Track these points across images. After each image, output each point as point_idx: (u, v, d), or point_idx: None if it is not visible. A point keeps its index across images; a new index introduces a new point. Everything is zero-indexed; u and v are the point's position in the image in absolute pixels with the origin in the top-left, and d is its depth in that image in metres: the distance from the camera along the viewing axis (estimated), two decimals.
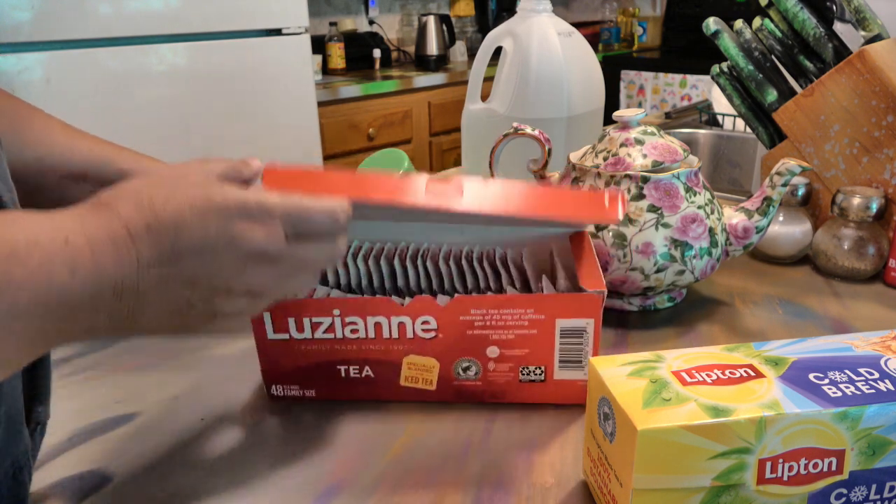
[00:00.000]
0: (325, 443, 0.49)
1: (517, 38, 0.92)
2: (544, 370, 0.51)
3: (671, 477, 0.35)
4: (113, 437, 0.50)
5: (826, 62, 0.79)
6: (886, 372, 0.38)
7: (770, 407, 0.35)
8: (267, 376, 0.53)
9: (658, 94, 2.83)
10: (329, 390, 0.53)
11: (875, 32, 0.77)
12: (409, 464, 0.46)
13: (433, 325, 0.50)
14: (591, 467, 0.42)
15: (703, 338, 0.63)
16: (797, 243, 0.77)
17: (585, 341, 0.49)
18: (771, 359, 0.40)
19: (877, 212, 0.71)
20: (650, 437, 0.34)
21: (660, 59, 2.93)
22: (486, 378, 0.51)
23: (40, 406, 0.40)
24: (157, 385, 0.56)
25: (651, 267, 0.61)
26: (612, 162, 0.63)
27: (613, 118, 0.66)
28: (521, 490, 0.44)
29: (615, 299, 0.67)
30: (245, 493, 0.44)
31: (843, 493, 0.37)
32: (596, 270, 0.51)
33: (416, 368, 0.51)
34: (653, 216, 0.61)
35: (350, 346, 0.51)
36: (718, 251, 0.64)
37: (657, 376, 0.38)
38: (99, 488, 0.45)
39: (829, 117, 0.76)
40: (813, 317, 0.67)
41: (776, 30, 0.82)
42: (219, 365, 0.59)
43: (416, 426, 0.50)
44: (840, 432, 0.35)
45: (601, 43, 3.22)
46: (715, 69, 0.87)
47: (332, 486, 0.44)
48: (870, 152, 0.75)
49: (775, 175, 0.63)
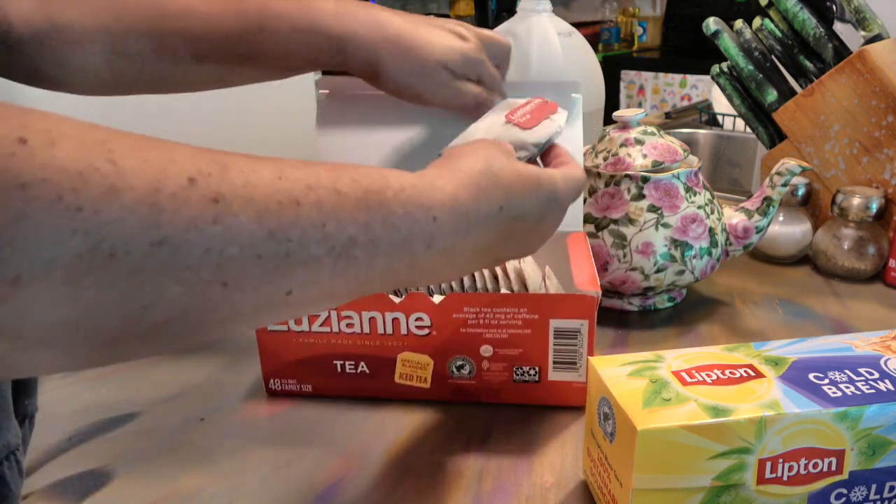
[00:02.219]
0: (325, 443, 0.49)
1: (517, 38, 0.91)
2: (538, 371, 0.51)
3: (671, 477, 0.35)
4: (113, 437, 0.50)
5: (826, 62, 0.79)
6: (886, 372, 0.38)
7: (770, 407, 0.35)
8: (265, 369, 0.53)
9: (658, 94, 2.83)
10: (325, 385, 0.53)
11: (875, 32, 0.77)
12: (410, 463, 0.46)
13: (427, 322, 0.50)
14: (591, 467, 0.42)
15: (703, 338, 0.63)
16: (797, 243, 0.77)
17: (580, 343, 0.49)
18: (771, 359, 0.40)
19: (877, 212, 0.71)
20: (650, 437, 0.34)
21: (660, 59, 2.93)
22: (480, 377, 0.51)
23: (27, 399, 0.40)
24: (157, 385, 0.56)
25: (651, 267, 0.61)
26: (612, 162, 0.63)
27: (613, 118, 0.66)
28: (521, 490, 0.44)
29: (615, 299, 0.67)
30: (245, 492, 0.44)
31: (843, 493, 0.37)
32: (591, 272, 0.51)
33: (410, 365, 0.51)
34: (653, 216, 0.61)
35: (346, 341, 0.51)
36: (718, 251, 0.64)
37: (657, 376, 0.38)
38: (99, 488, 0.45)
39: (829, 117, 0.76)
40: (813, 317, 0.67)
41: (776, 30, 0.82)
42: (218, 365, 0.59)
43: (415, 425, 0.50)
44: (840, 432, 0.35)
45: (601, 43, 3.21)
46: (715, 69, 0.87)
47: (333, 485, 0.44)
48: (870, 152, 0.75)
49: (775, 175, 0.63)
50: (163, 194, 0.23)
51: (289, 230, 0.26)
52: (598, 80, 0.96)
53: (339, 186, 0.29)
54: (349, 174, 0.30)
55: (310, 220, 0.27)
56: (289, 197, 0.27)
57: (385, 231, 0.30)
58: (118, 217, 0.22)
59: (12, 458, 0.37)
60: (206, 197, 0.24)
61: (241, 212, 0.25)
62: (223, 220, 0.24)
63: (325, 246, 0.28)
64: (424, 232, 0.32)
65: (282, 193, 0.26)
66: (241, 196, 0.25)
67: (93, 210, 0.21)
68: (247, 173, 0.26)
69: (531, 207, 0.38)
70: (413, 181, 0.32)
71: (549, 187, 0.39)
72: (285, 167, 0.28)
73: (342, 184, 0.29)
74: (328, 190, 0.28)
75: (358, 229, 0.29)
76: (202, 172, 0.24)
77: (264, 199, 0.26)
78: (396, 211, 0.31)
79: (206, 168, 0.25)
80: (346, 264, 0.29)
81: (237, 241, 0.25)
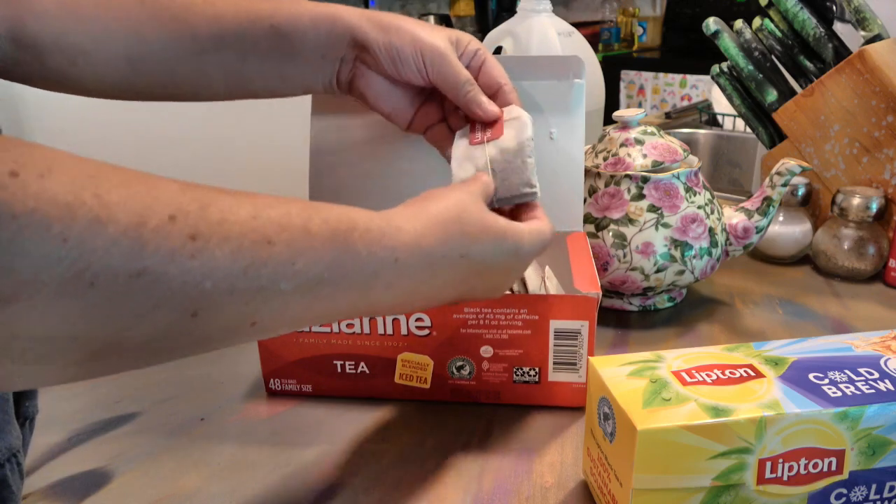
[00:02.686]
0: (326, 443, 0.49)
1: (517, 38, 0.92)
2: (538, 371, 0.51)
3: (671, 477, 0.35)
4: (113, 437, 0.50)
5: (826, 62, 0.79)
6: (886, 372, 0.38)
7: (770, 407, 0.35)
8: (265, 369, 0.53)
9: (658, 94, 2.83)
10: (325, 386, 0.53)
11: (875, 32, 0.77)
12: (410, 463, 0.46)
13: (427, 323, 0.50)
14: (591, 467, 0.42)
15: (703, 338, 0.63)
16: (797, 243, 0.77)
17: (580, 344, 0.49)
18: (771, 359, 0.40)
19: (877, 212, 0.71)
20: (650, 437, 0.34)
21: (660, 59, 2.93)
22: (480, 378, 0.51)
23: (28, 401, 0.41)
24: (157, 385, 0.56)
25: (651, 267, 0.61)
26: (612, 162, 0.63)
27: (613, 118, 0.66)
28: (521, 490, 0.44)
29: (615, 299, 0.67)
30: (245, 492, 0.44)
31: (843, 493, 0.37)
32: (591, 272, 0.51)
33: (410, 366, 0.51)
34: (653, 216, 0.61)
35: (346, 341, 0.51)
36: (718, 251, 0.64)
37: (657, 376, 0.38)
38: (99, 488, 0.45)
39: (829, 117, 0.76)
40: (813, 317, 0.67)
41: (776, 30, 0.82)
42: (218, 365, 0.59)
43: (416, 426, 0.50)
44: (840, 432, 0.35)
45: (601, 43, 3.22)
46: (715, 69, 0.87)
47: (333, 485, 0.44)
48: (870, 152, 0.75)
49: (775, 175, 0.63)
50: (146, 228, 0.25)
51: (261, 267, 0.28)
52: (598, 80, 0.96)
53: (309, 226, 0.31)
54: (319, 214, 0.32)
55: (281, 258, 0.29)
56: (262, 236, 0.29)
57: (350, 270, 0.32)
58: (102, 247, 0.24)
59: (14, 460, 0.37)
60: (185, 233, 0.26)
61: (217, 248, 0.27)
62: (200, 256, 0.26)
63: (293, 282, 0.30)
64: (387, 272, 0.34)
65: (256, 232, 0.28)
66: (218, 234, 0.27)
67: (78, 240, 0.23)
68: (224, 212, 0.28)
69: (493, 258, 0.40)
70: (380, 223, 0.34)
71: (513, 240, 0.41)
72: (261, 206, 0.29)
73: (312, 224, 0.31)
74: (299, 230, 0.30)
75: (325, 268, 0.31)
76: (182, 210, 0.26)
77: (239, 238, 0.28)
78: (361, 252, 0.33)
79: (187, 206, 0.26)
80: (312, 299, 0.31)
81: (212, 275, 0.27)
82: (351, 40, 0.49)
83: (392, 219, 0.35)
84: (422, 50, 0.48)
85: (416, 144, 0.55)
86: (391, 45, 0.48)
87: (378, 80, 0.50)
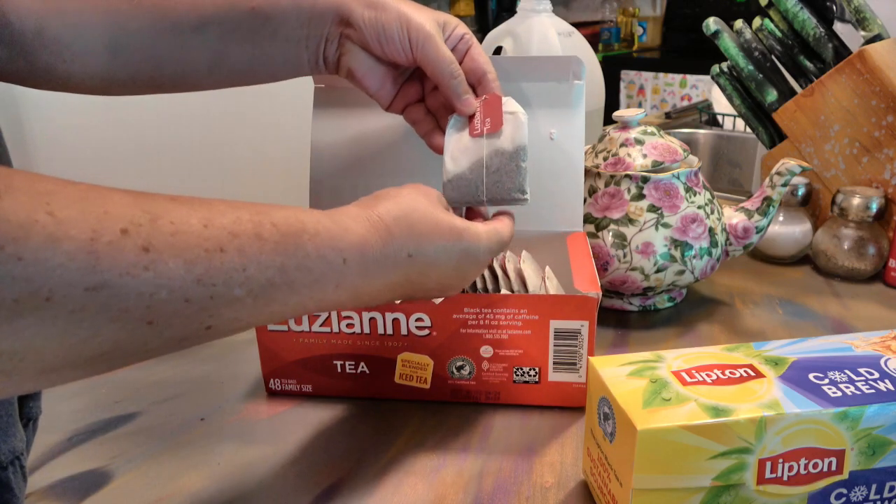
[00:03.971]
0: (326, 443, 0.49)
1: (517, 38, 0.92)
2: (538, 371, 0.51)
3: (671, 477, 0.35)
4: (113, 437, 0.50)
5: (826, 62, 0.79)
6: (886, 372, 0.38)
7: (770, 407, 0.35)
8: (265, 369, 0.53)
9: (658, 94, 2.83)
10: (325, 385, 0.53)
11: (875, 32, 0.77)
12: (410, 463, 0.46)
13: (427, 323, 0.50)
14: (591, 467, 0.42)
15: (703, 338, 0.63)
16: (797, 243, 0.77)
17: (580, 344, 0.49)
18: (771, 359, 0.40)
19: (877, 212, 0.71)
20: (650, 437, 0.34)
21: (660, 59, 2.93)
22: (480, 378, 0.51)
23: (32, 402, 0.41)
24: (157, 385, 0.56)
25: (651, 267, 0.61)
26: (612, 162, 0.63)
27: (613, 118, 0.66)
28: (521, 490, 0.44)
29: (615, 299, 0.67)
30: (245, 492, 0.44)
31: (843, 493, 0.37)
32: (591, 272, 0.51)
33: (410, 366, 0.51)
34: (653, 216, 0.61)
35: (346, 341, 0.51)
36: (718, 251, 0.64)
37: (657, 376, 0.38)
38: (99, 488, 0.45)
39: (829, 117, 0.76)
40: (813, 317, 0.67)
41: (776, 30, 0.82)
42: (218, 365, 0.59)
43: (415, 426, 0.50)
44: (840, 432, 0.35)
45: (601, 43, 3.22)
46: (715, 69, 0.87)
47: (332, 485, 0.44)
48: (870, 152, 0.75)
49: (775, 175, 0.63)
50: (99, 243, 0.25)
51: (214, 275, 0.29)
52: (598, 81, 0.96)
53: (259, 231, 0.32)
54: (269, 219, 0.33)
55: (233, 265, 0.30)
56: (215, 245, 0.29)
57: (299, 273, 0.33)
58: (58, 264, 0.24)
59: (17, 462, 0.37)
60: (138, 246, 0.27)
61: (171, 259, 0.28)
62: (154, 268, 0.27)
63: (246, 288, 0.31)
64: (335, 273, 0.35)
65: (209, 241, 0.29)
66: (170, 245, 0.28)
67: (33, 259, 0.24)
68: (176, 223, 0.28)
69: (445, 256, 0.41)
70: (328, 225, 0.35)
71: (469, 240, 0.42)
72: (212, 214, 0.30)
73: (263, 229, 0.32)
74: (250, 236, 0.31)
75: (275, 272, 0.32)
76: (134, 223, 0.27)
77: (192, 248, 0.28)
78: (311, 254, 0.34)
79: (139, 219, 0.27)
80: (265, 302, 0.32)
81: (167, 286, 0.27)
82: (336, 17, 0.49)
83: (340, 220, 0.36)
84: (408, 28, 0.48)
85: (416, 139, 0.55)
86: (377, 21, 0.48)
87: (364, 57, 0.50)
